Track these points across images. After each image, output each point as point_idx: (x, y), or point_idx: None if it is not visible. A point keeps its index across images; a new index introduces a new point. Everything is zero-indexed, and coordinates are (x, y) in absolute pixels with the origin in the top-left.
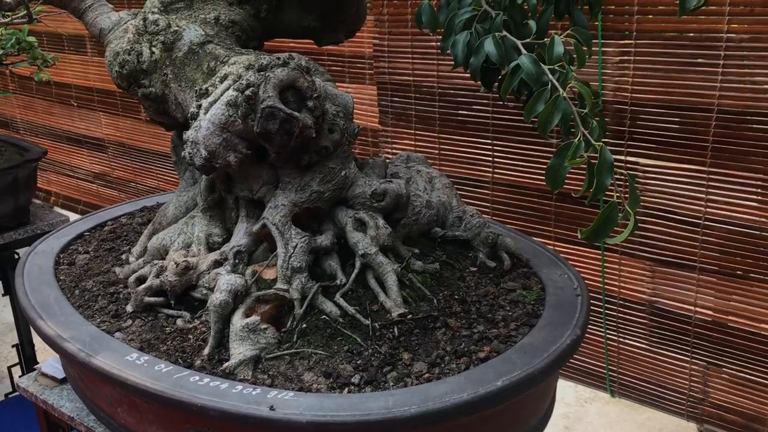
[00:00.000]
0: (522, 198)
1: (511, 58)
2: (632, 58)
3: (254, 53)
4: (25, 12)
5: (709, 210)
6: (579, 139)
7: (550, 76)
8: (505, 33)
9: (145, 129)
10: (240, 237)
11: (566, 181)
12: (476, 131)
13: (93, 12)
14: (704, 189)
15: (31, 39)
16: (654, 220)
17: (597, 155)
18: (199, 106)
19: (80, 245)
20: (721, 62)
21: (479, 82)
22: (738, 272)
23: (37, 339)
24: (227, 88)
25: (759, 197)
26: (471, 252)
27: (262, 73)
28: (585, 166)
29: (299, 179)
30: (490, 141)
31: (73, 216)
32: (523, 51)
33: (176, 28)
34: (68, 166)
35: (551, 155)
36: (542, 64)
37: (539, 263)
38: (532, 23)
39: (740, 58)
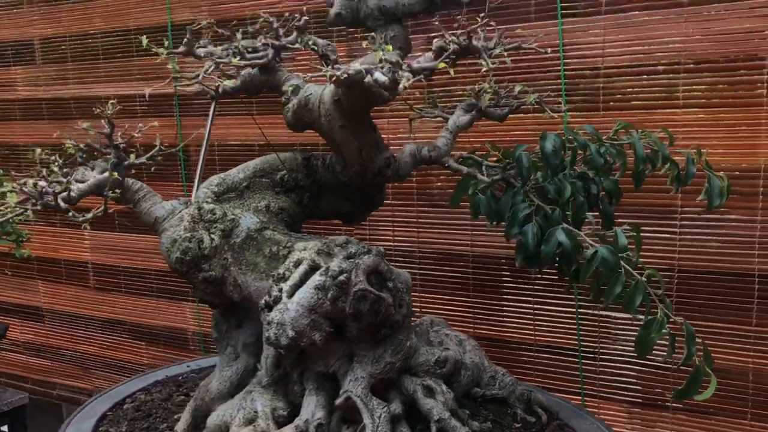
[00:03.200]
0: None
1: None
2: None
3: (317, 239)
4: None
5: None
6: (661, 315)
7: (625, 265)
8: (565, 225)
9: (90, 296)
10: (312, 410)
11: None
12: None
13: (146, 202)
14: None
15: None
16: None
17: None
18: (281, 290)
19: (110, 426)
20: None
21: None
22: None
23: None
24: (304, 272)
25: None
26: (509, 409)
27: (352, 260)
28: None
29: (373, 352)
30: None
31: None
32: (589, 241)
33: (233, 216)
34: None
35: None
36: (617, 253)
37: (567, 415)
38: (590, 217)
39: None
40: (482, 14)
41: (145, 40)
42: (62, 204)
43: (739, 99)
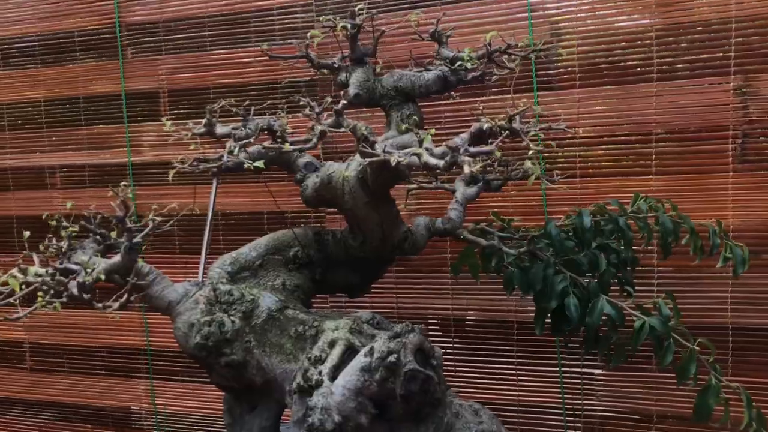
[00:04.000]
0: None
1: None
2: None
3: (342, 316)
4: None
5: None
6: (715, 382)
7: (675, 335)
8: (605, 297)
9: (27, 378)
10: None
11: None
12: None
13: (157, 286)
14: None
15: None
16: None
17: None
18: (320, 373)
19: None
20: None
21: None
22: None
23: None
24: (342, 353)
25: None
26: None
27: (398, 340)
28: None
29: (415, 430)
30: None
31: None
32: (634, 311)
33: (252, 297)
34: None
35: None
36: (668, 323)
37: None
38: (629, 289)
39: None
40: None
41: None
42: (84, 295)
43: (707, 166)
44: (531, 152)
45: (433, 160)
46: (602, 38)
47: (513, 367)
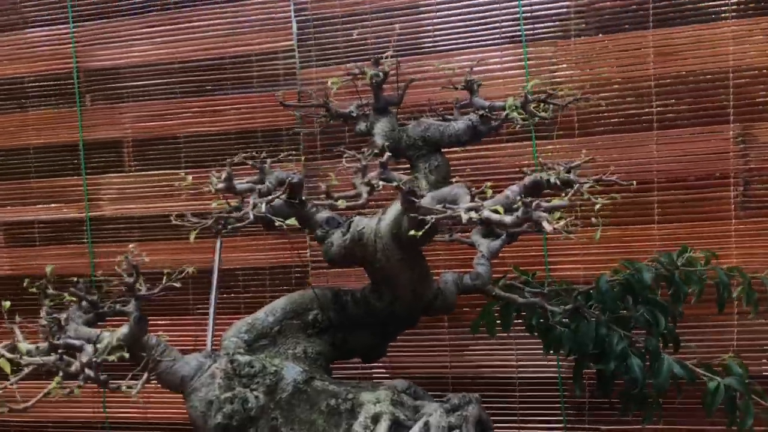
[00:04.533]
0: None
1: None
2: None
3: (382, 387)
4: None
5: None
6: None
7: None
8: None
9: None
10: None
11: None
12: None
13: (167, 360)
14: None
15: None
16: None
17: None
18: None
19: None
20: None
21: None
22: None
23: None
24: (388, 428)
25: None
26: None
27: (458, 413)
28: None
29: None
30: None
31: None
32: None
33: (275, 368)
34: None
35: None
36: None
37: None
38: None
39: None
40: None
41: None
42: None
43: (710, 213)
44: (598, 206)
45: (497, 217)
46: (601, 88)
47: (516, 426)
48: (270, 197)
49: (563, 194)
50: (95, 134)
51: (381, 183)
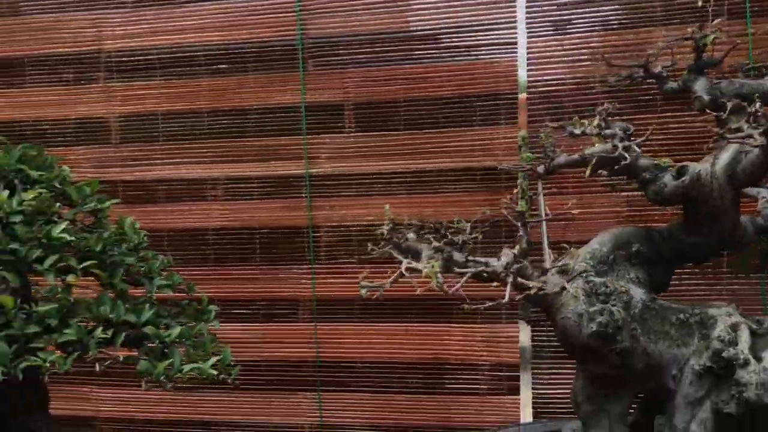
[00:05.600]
0: None
1: None
2: None
3: (722, 305)
4: None
5: None
6: None
7: None
8: None
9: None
10: None
11: None
12: None
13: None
14: None
15: None
16: None
17: None
18: (741, 353)
19: None
20: None
21: None
22: None
23: None
24: (749, 335)
25: None
26: None
27: None
28: None
29: None
30: None
31: None
32: None
33: (624, 289)
34: None
35: None
36: None
37: None
38: None
39: None
40: None
41: None
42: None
43: None
44: None
45: None
46: None
47: None
48: (637, 140)
49: None
50: (316, 98)
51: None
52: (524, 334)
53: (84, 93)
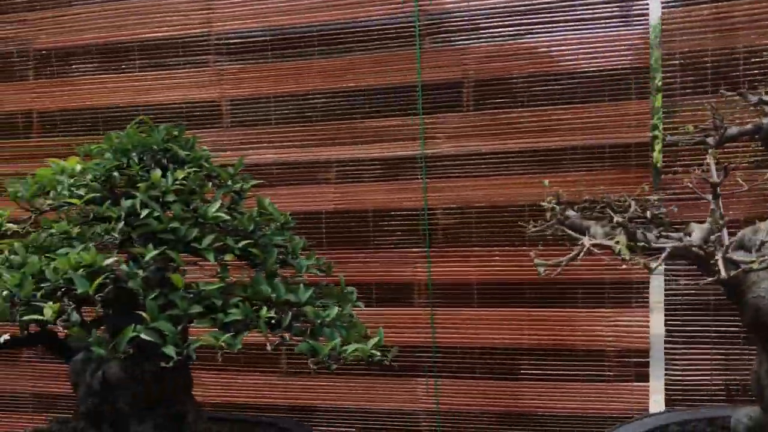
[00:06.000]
0: None
1: None
2: None
3: None
4: None
5: None
6: None
7: None
8: None
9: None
10: None
11: None
12: None
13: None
14: None
15: None
16: None
17: None
18: None
19: None
20: None
21: None
22: None
23: None
24: None
25: None
26: None
27: None
28: None
29: None
30: None
31: None
32: None
33: None
34: None
35: None
36: None
37: None
38: None
39: None
40: None
41: None
42: None
43: None
44: None
45: None
46: None
47: None
48: None
49: None
50: (433, 76)
51: None
52: (655, 320)
53: (194, 76)
